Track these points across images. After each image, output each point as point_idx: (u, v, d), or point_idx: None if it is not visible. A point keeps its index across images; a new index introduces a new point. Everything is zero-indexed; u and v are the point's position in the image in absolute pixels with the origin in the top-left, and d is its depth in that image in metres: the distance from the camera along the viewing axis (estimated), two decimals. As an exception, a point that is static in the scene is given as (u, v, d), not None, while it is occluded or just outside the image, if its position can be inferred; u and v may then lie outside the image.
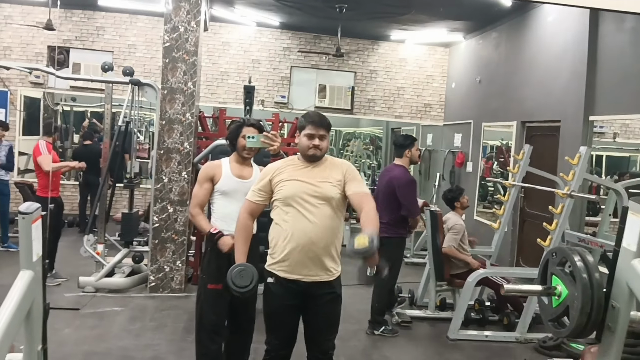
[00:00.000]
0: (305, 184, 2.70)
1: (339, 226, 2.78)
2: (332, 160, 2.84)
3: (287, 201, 2.70)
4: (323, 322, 2.83)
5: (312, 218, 2.67)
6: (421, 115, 10.67)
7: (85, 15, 9.60)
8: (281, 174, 2.76)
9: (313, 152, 2.73)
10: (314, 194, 2.69)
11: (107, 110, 6.07)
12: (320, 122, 2.76)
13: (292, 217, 2.69)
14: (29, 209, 2.03)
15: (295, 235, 2.67)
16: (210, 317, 3.28)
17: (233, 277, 2.71)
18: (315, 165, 2.77)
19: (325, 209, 2.69)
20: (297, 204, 2.68)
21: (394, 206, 4.77)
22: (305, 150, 2.74)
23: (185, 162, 5.67)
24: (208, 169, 3.37)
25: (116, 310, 5.10)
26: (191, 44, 5.66)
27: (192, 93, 5.69)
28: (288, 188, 2.71)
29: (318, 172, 2.75)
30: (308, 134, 2.73)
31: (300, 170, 2.76)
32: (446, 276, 5.26)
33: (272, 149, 3.20)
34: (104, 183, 5.94)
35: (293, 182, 2.72)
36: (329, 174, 2.74)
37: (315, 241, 2.67)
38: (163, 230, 5.65)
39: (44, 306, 2.31)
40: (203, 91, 9.57)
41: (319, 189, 2.69)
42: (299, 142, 2.78)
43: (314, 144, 2.72)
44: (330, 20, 8.78)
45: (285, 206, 2.71)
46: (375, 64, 10.51)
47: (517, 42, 8.01)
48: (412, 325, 5.13)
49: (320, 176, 2.73)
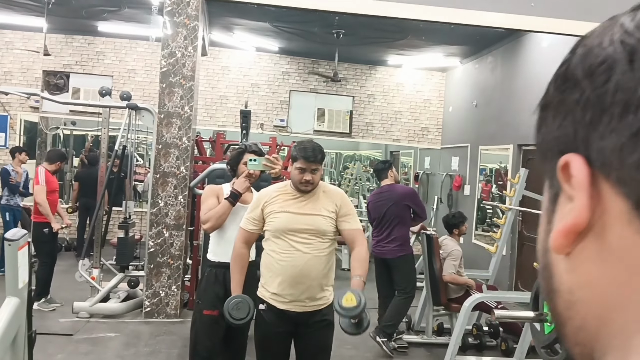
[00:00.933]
0: (297, 217, 2.68)
1: (330, 256, 2.76)
2: (325, 188, 2.81)
3: (278, 234, 2.68)
4: (315, 350, 2.80)
5: (302, 251, 2.65)
6: (418, 139, 10.72)
7: (85, 40, 9.71)
8: (273, 204, 2.74)
9: (304, 188, 2.72)
10: (306, 227, 2.67)
11: (104, 134, 6.10)
12: (313, 156, 2.70)
13: (282, 249, 2.68)
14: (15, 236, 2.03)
15: (285, 268, 2.66)
16: (205, 344, 3.25)
17: (230, 310, 2.72)
18: (307, 196, 2.74)
19: (317, 241, 2.67)
20: (288, 237, 2.66)
21: (406, 221, 5.20)
22: (296, 183, 2.73)
23: (181, 187, 5.67)
24: (212, 189, 3.42)
25: (110, 336, 5.05)
26: (188, 69, 5.71)
27: (189, 117, 5.72)
28: (279, 221, 2.69)
29: (310, 204, 2.72)
30: (299, 167, 2.70)
31: (292, 201, 2.73)
32: (443, 301, 5.22)
33: (274, 172, 3.20)
34: (99, 207, 5.93)
35: (284, 214, 2.70)
36: (321, 206, 2.72)
37: (306, 274, 2.65)
38: (159, 254, 5.62)
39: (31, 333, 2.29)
40: (202, 115, 9.62)
41: (311, 223, 2.67)
42: (291, 172, 2.76)
43: (305, 179, 2.69)
44: (328, 46, 8.88)
45: (275, 238, 2.70)
46: (372, 89, 10.59)
47: (512, 67, 8.08)
48: (408, 351, 5.07)
49: (312, 208, 2.71)
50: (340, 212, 2.73)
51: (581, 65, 0.39)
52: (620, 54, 0.36)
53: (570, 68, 0.40)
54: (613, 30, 0.38)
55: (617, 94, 0.35)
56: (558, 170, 0.39)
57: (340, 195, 2.82)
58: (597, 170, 0.37)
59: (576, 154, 0.38)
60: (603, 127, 0.36)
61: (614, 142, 0.35)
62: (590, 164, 0.37)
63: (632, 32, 0.37)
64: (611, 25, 0.39)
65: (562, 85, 0.40)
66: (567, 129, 0.39)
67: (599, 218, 0.36)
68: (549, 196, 0.42)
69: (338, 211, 2.73)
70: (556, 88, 0.41)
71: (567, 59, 0.41)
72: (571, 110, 0.38)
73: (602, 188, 0.37)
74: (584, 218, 0.37)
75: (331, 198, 2.75)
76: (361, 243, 2.71)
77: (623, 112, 0.35)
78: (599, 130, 0.36)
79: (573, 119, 0.38)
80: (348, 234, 2.72)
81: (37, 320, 5.03)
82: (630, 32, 0.37)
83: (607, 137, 0.36)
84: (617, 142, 0.35)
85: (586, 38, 0.41)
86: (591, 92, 0.37)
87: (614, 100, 0.35)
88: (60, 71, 9.66)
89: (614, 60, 0.36)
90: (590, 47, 0.39)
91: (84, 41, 9.71)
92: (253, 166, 3.23)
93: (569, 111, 0.39)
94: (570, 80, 0.39)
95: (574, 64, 0.40)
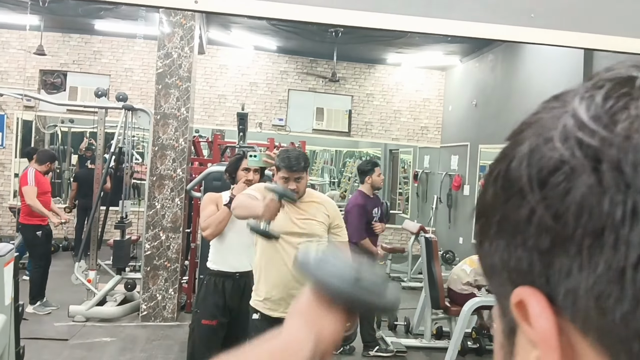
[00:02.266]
0: (291, 220, 2.66)
1: None
2: (317, 196, 2.81)
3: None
4: None
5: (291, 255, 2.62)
6: (418, 138, 10.65)
7: (82, 39, 9.63)
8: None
9: None
10: (298, 231, 2.64)
11: (100, 134, 6.04)
12: (296, 165, 2.66)
13: (272, 254, 2.65)
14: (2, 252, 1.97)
15: (276, 274, 2.63)
16: (203, 354, 3.20)
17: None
18: (300, 202, 2.71)
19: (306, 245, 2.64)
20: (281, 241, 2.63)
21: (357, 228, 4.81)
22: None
23: (178, 189, 5.62)
24: (212, 196, 3.36)
25: (106, 340, 5.00)
26: (184, 70, 5.64)
27: (185, 118, 5.66)
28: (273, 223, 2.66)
29: (301, 209, 2.70)
30: (283, 177, 2.66)
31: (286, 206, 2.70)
32: (442, 304, 5.17)
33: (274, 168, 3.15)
34: (96, 208, 5.88)
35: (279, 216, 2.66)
36: (316, 211, 2.70)
37: (297, 279, 2.61)
38: (155, 257, 5.57)
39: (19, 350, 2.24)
40: (200, 114, 9.56)
41: (305, 226, 2.65)
42: (276, 182, 2.72)
43: (290, 188, 2.64)
44: (327, 44, 8.81)
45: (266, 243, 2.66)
46: (372, 88, 10.52)
47: (512, 66, 8.02)
48: (407, 355, 5.03)
49: (307, 213, 2.69)
50: (333, 223, 2.74)
51: (526, 169, 0.29)
52: (580, 159, 0.27)
53: (512, 169, 0.30)
54: (565, 122, 0.28)
55: (582, 217, 0.26)
56: (511, 305, 0.30)
57: (333, 206, 2.83)
58: (566, 318, 0.28)
59: (534, 290, 0.28)
60: (569, 261, 0.27)
61: (588, 284, 0.26)
62: (554, 304, 0.28)
63: (592, 128, 0.27)
64: (560, 113, 0.29)
65: (504, 190, 0.30)
66: (517, 253, 0.29)
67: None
68: (502, 328, 0.33)
69: (331, 222, 2.73)
70: (496, 194, 0.31)
71: (505, 153, 0.32)
72: (520, 230, 0.29)
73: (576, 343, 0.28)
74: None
75: (323, 208, 2.74)
76: None
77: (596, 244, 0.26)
78: (562, 264, 0.27)
79: (524, 243, 0.29)
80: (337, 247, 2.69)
81: (32, 324, 5.00)
82: (590, 127, 0.27)
83: (577, 276, 0.27)
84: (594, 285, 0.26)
85: (529, 126, 0.31)
86: (545, 210, 0.28)
87: (579, 225, 0.26)
88: (57, 70, 9.59)
89: (573, 168, 0.27)
90: (536, 143, 0.29)
91: (81, 40, 9.64)
92: (253, 162, 3.16)
93: (517, 231, 0.29)
94: (514, 186, 0.30)
95: (516, 164, 0.30)
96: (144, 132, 8.18)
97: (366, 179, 4.97)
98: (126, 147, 6.14)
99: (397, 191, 11.87)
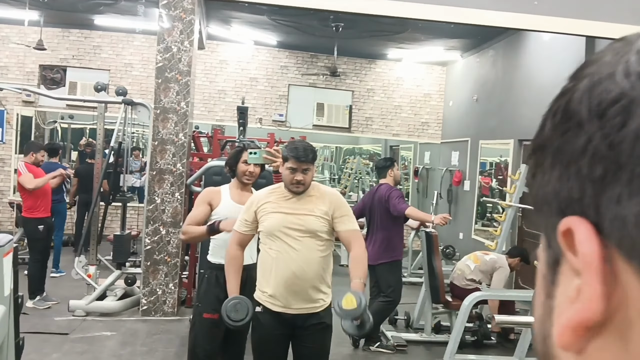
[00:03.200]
0: (289, 217, 2.64)
1: (326, 257, 2.71)
2: (319, 189, 2.76)
3: (271, 234, 2.64)
4: (311, 353, 2.75)
5: (296, 251, 2.61)
6: (418, 133, 10.64)
7: (82, 34, 9.61)
8: (266, 204, 2.69)
9: (295, 189, 2.66)
10: (298, 227, 2.62)
11: (100, 129, 6.02)
12: (304, 156, 2.64)
13: (276, 250, 2.64)
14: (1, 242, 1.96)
15: (279, 269, 2.62)
16: (204, 347, 3.20)
17: (228, 311, 2.66)
18: (300, 197, 2.69)
19: (310, 241, 2.62)
20: (281, 237, 2.63)
21: (388, 223, 4.94)
22: (287, 183, 2.67)
23: (178, 184, 5.61)
24: (207, 193, 3.32)
25: (106, 334, 5.00)
26: (184, 64, 5.63)
27: (186, 113, 5.64)
28: (271, 221, 2.65)
29: (303, 204, 2.68)
30: (290, 167, 2.64)
31: (285, 202, 2.69)
32: (442, 299, 5.17)
33: (275, 165, 3.11)
34: (95, 202, 5.87)
35: (277, 214, 2.66)
36: (314, 206, 2.67)
37: (299, 275, 2.61)
38: (155, 252, 5.57)
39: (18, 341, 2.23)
40: (200, 109, 9.54)
41: (302, 223, 2.63)
42: (282, 173, 2.71)
43: (297, 179, 2.63)
44: (327, 39, 8.79)
45: (269, 239, 2.66)
46: (372, 83, 10.50)
47: (513, 61, 8.00)
48: (407, 349, 5.03)
49: (305, 208, 2.66)
50: (335, 213, 2.67)
51: (587, 102, 0.30)
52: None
53: (572, 103, 0.31)
54: (628, 58, 0.30)
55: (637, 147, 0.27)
56: (558, 234, 0.31)
57: (336, 196, 2.77)
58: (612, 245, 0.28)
59: (582, 219, 0.29)
60: (620, 188, 0.28)
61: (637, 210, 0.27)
62: (601, 234, 0.29)
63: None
64: (624, 51, 0.30)
65: (562, 124, 0.32)
66: (569, 183, 0.30)
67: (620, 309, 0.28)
68: (546, 259, 0.34)
69: (333, 213, 2.67)
70: (554, 127, 0.32)
71: (567, 89, 0.33)
72: (575, 159, 0.30)
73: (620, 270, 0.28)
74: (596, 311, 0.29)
75: (325, 199, 2.70)
76: (359, 244, 2.67)
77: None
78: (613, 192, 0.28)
79: (577, 172, 0.30)
80: (344, 235, 2.68)
81: (33, 319, 5.00)
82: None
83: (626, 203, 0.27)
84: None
85: (591, 64, 0.32)
86: (601, 139, 0.29)
87: (633, 154, 0.27)
88: (57, 65, 9.56)
89: (633, 99, 0.28)
90: (599, 77, 0.30)
91: (81, 35, 9.62)
92: (253, 159, 3.15)
93: (571, 161, 0.30)
94: (573, 119, 0.31)
95: (577, 98, 0.31)
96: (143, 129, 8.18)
97: (388, 172, 5.16)
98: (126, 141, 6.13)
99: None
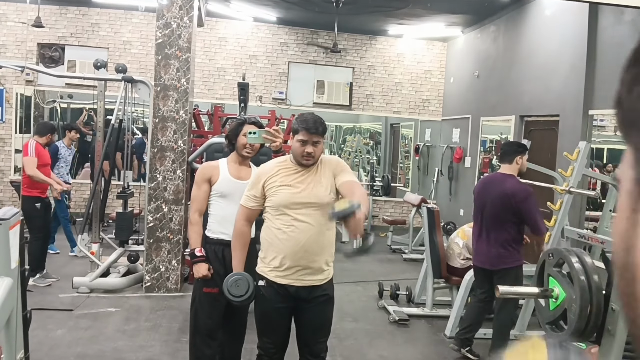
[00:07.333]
0: (298, 191, 2.63)
1: (331, 231, 2.73)
2: (324, 159, 2.75)
3: (279, 209, 2.64)
4: (315, 325, 2.78)
5: (303, 225, 2.61)
6: (419, 111, 10.60)
7: (80, 11, 9.52)
8: (273, 178, 2.68)
9: (306, 162, 2.64)
10: (307, 200, 2.62)
11: (100, 107, 6.00)
12: (314, 128, 2.62)
13: (284, 224, 2.64)
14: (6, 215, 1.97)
15: (286, 243, 2.63)
16: (205, 321, 3.22)
17: (229, 287, 2.68)
18: (308, 170, 2.68)
19: (318, 215, 2.62)
20: (289, 211, 2.62)
21: (508, 224, 4.12)
22: (297, 156, 2.65)
23: (179, 161, 5.60)
24: (205, 170, 3.28)
25: (110, 310, 5.04)
26: (184, 40, 5.58)
27: (186, 90, 5.61)
28: (280, 196, 2.64)
29: (311, 177, 2.67)
30: (301, 139, 2.62)
31: (293, 176, 2.68)
32: (443, 274, 5.20)
33: (275, 145, 3.09)
34: (96, 181, 5.88)
35: (285, 188, 2.65)
36: (321, 177, 2.67)
37: (307, 248, 2.62)
38: (158, 229, 5.59)
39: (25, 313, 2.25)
40: (200, 87, 9.49)
41: (312, 195, 2.62)
42: (292, 145, 2.69)
43: (307, 152, 2.61)
44: (327, 15, 8.70)
45: (276, 213, 2.66)
46: (373, 60, 10.43)
47: (515, 36, 7.93)
48: (409, 323, 5.08)
49: (314, 181, 2.66)
50: (336, 171, 2.66)
51: None
52: None
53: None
54: None
55: None
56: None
57: (336, 159, 2.81)
58: None
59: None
60: None
61: None
62: None
63: None
64: None
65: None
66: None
67: None
68: (633, 176, 0.34)
69: (334, 174, 2.66)
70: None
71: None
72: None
73: None
74: None
75: (329, 165, 2.70)
76: (359, 190, 2.58)
77: None
78: None
79: None
80: (345, 186, 2.60)
81: (37, 296, 5.04)
82: None
83: None
84: None
85: None
86: None
87: None
88: (55, 43, 9.49)
89: None
90: None
91: (79, 12, 9.52)
92: (253, 139, 3.13)
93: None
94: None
95: None
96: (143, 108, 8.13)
97: (517, 158, 4.22)
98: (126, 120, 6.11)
99: (397, 165, 11.86)
